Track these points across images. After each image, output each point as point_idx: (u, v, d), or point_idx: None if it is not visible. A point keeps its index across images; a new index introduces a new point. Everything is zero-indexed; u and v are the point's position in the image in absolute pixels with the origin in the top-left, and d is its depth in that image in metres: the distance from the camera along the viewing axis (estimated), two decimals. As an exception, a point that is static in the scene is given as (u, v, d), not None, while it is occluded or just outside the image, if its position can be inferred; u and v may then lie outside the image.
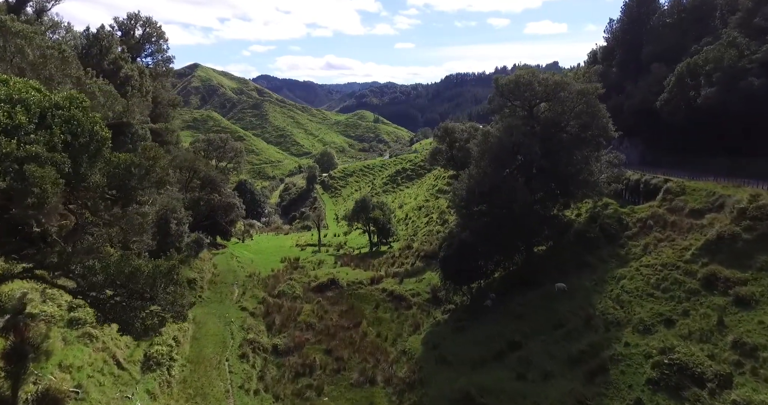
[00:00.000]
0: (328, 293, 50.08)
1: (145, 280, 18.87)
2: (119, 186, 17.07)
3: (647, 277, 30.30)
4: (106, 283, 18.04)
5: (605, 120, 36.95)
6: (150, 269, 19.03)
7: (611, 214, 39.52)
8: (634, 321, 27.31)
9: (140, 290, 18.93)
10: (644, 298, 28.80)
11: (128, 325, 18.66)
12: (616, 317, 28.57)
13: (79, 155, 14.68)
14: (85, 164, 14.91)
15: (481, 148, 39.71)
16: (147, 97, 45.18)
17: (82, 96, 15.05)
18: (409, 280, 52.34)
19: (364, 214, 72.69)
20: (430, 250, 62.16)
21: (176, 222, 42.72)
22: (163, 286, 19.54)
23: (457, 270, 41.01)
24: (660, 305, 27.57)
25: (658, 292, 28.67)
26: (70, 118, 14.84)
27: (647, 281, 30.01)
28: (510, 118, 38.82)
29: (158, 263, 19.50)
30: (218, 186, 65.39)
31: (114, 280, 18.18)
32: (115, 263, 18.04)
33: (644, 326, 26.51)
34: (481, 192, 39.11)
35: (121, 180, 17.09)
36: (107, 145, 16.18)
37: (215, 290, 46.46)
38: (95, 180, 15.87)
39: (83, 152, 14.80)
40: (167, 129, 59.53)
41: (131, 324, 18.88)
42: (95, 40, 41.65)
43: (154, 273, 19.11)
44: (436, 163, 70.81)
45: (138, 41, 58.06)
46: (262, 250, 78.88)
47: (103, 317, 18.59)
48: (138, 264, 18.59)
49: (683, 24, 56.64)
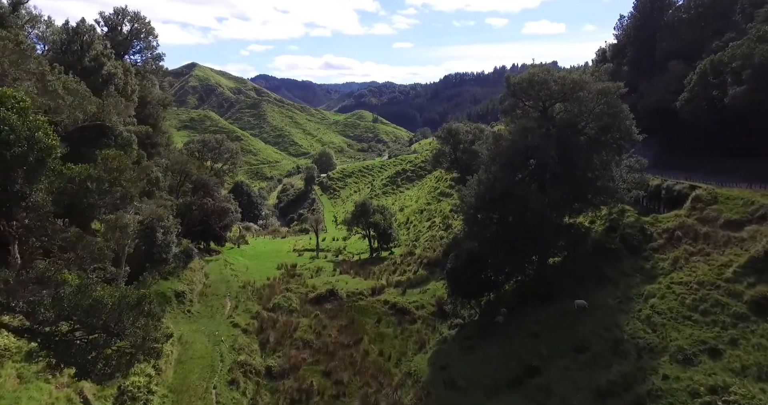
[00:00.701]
0: (327, 305, 47.04)
1: (109, 313, 15.86)
2: (72, 205, 14.00)
3: (681, 297, 27.28)
4: (60, 319, 15.00)
5: (628, 121, 33.92)
6: (115, 300, 16.02)
7: (632, 224, 36.52)
8: (671, 349, 24.28)
9: (103, 326, 15.92)
10: (680, 321, 25.79)
11: (87, 368, 15.62)
12: (649, 342, 25.56)
13: (13, 169, 11.60)
14: (21, 180, 11.84)
15: (492, 152, 36.70)
16: (133, 97, 42.12)
17: (18, 95, 11.97)
18: (412, 291, 49.34)
19: (364, 219, 69.64)
20: (433, 257, 59.22)
21: (163, 231, 39.69)
22: (132, 320, 16.52)
23: (465, 283, 38.01)
24: (701, 331, 24.57)
25: (696, 315, 25.64)
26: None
27: (682, 301, 26.99)
28: (523, 119, 35.78)
29: (125, 293, 16.48)
30: (211, 190, 62.39)
31: (69, 315, 15.17)
32: (71, 296, 15.02)
33: (684, 356, 23.47)
34: (492, 198, 36.11)
35: (75, 197, 14.02)
36: (54, 155, 13.10)
37: (206, 303, 43.40)
38: (38, 198, 12.81)
39: (18, 165, 11.73)
40: (158, 130, 56.39)
41: (92, 366, 15.85)
42: (75, 34, 38.57)
43: (120, 305, 16.10)
44: (440, 166, 67.84)
45: (126, 37, 54.97)
46: (258, 256, 75.87)
47: (57, 360, 15.51)
48: (99, 295, 15.56)
49: (701, 19, 53.70)
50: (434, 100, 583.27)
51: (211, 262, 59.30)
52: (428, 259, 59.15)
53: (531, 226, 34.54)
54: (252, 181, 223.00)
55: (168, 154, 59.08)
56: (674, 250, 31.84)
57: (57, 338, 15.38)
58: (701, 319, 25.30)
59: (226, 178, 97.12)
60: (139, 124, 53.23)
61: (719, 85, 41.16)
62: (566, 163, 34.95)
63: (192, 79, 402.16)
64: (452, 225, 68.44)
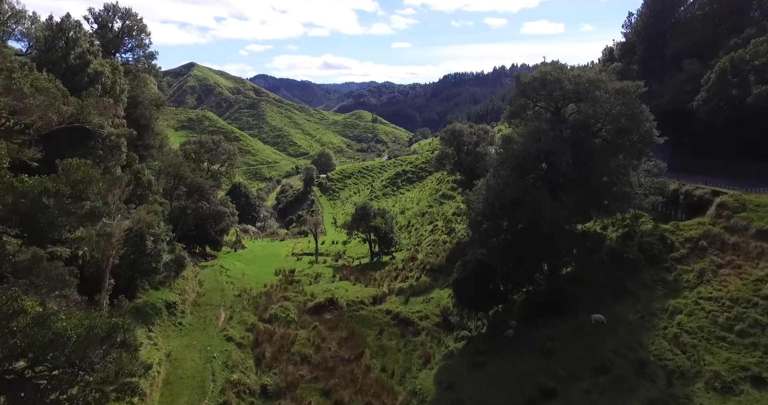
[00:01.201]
0: (326, 315, 44.80)
1: (74, 347, 13.67)
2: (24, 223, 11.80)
3: (713, 315, 25.12)
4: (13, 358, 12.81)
5: (648, 124, 31.69)
6: (81, 332, 13.82)
7: (651, 231, 34.34)
8: (705, 374, 22.11)
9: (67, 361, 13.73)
10: (713, 342, 23.63)
11: (48, 411, 13.41)
12: (678, 365, 23.37)
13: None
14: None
15: (502, 156, 34.51)
16: (121, 97, 39.89)
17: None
18: (415, 300, 47.15)
19: (364, 222, 67.47)
20: (436, 263, 57.11)
21: (153, 239, 37.44)
22: (102, 353, 14.34)
23: (473, 293, 35.82)
24: (739, 355, 22.41)
25: (732, 337, 23.49)
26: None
27: (714, 320, 24.83)
28: (536, 121, 33.57)
29: (94, 322, 14.25)
30: (206, 193, 60.20)
31: (25, 352, 12.97)
32: (26, 329, 12.82)
33: (723, 383, 21.29)
34: (501, 205, 33.95)
35: (29, 215, 11.82)
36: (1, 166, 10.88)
37: (199, 314, 41.16)
38: (-21, 218, 10.62)
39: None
40: (151, 131, 54.16)
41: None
42: (59, 31, 36.36)
43: (88, 337, 13.90)
44: (443, 169, 65.65)
45: (117, 35, 52.65)
46: (255, 260, 73.66)
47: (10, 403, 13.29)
48: (61, 327, 13.36)
49: (715, 16, 51.53)
50: (433, 100, 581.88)
51: (207, 268, 57.13)
52: (431, 265, 57.04)
53: (543, 233, 32.45)
54: (250, 182, 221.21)
55: (161, 156, 56.86)
56: (699, 262, 29.65)
57: (11, 377, 13.19)
58: (738, 340, 23.14)
59: (223, 180, 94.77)
60: (131, 125, 51.07)
61: (740, 84, 39.03)
62: (580, 168, 32.83)
63: (190, 79, 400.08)
64: (455, 229, 66.32)
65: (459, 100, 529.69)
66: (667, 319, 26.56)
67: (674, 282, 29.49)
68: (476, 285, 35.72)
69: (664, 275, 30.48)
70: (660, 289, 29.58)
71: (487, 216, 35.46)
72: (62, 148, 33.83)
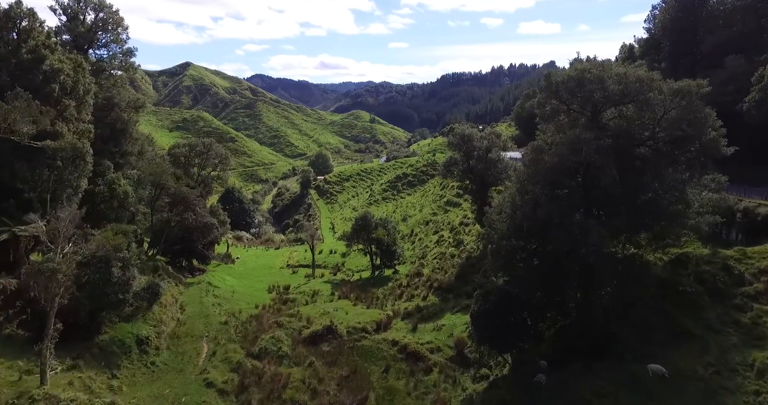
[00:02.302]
0: (324, 347, 39.33)
1: None
2: None
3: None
4: None
5: (715, 132, 26.24)
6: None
7: (709, 258, 28.93)
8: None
9: None
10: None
11: None
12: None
13: None
14: None
15: (532, 169, 29.00)
16: (86, 98, 34.29)
17: None
18: (424, 326, 41.64)
19: (365, 234, 62.03)
20: (445, 280, 51.66)
21: (121, 264, 31.86)
22: None
23: (496, 331, 30.31)
24: None
25: None
26: None
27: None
28: (575, 129, 28.04)
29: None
30: (192, 204, 54.64)
31: None
32: None
33: None
34: (532, 227, 28.54)
35: None
36: None
37: (177, 349, 35.59)
38: None
39: None
40: (128, 137, 48.58)
41: None
42: (8, 20, 30.72)
43: None
44: (451, 176, 60.17)
45: (89, 29, 46.99)
46: (247, 273, 68.32)
47: None
48: None
49: (758, 6, 46.21)
50: (431, 100, 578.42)
51: (192, 286, 51.67)
52: (439, 282, 51.61)
53: (582, 261, 27.10)
54: (246, 184, 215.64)
55: (142, 163, 51.27)
56: (783, 301, 24.34)
57: None
58: None
59: (215, 185, 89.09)
60: (105, 130, 45.58)
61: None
62: (625, 183, 27.44)
63: (186, 79, 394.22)
64: (464, 241, 60.84)
65: (457, 100, 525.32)
66: (755, 378, 21.13)
67: (752, 325, 24.08)
68: (500, 321, 30.25)
69: (736, 316, 25.07)
70: (733, 333, 24.19)
71: (513, 239, 29.99)
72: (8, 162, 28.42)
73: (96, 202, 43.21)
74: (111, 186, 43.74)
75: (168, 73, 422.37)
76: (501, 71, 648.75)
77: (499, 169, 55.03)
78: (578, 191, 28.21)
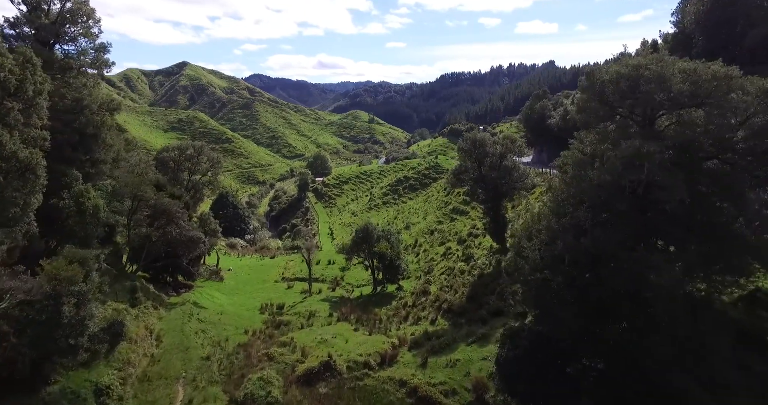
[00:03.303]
0: (321, 388, 33.77)
1: None
2: None
3: None
4: None
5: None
6: None
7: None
8: None
9: None
10: None
11: None
12: None
13: None
14: None
15: (575, 189, 23.51)
16: (37, 100, 28.86)
17: None
18: (435, 361, 36.00)
19: (366, 247, 56.55)
20: (455, 301, 46.09)
21: (76, 301, 26.33)
22: None
23: (531, 382, 24.91)
24: None
25: None
26: None
27: None
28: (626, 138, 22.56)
29: None
30: (175, 217, 49.12)
31: None
32: None
33: None
34: (575, 261, 23.13)
35: None
36: None
37: (145, 398, 29.96)
38: None
39: None
40: (100, 143, 43.07)
41: None
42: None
43: None
44: (461, 185, 54.53)
45: (54, 21, 41.50)
46: (239, 288, 62.92)
47: None
48: None
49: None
50: (430, 100, 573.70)
51: (175, 307, 46.12)
52: (449, 303, 46.05)
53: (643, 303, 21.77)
54: (243, 186, 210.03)
55: (117, 173, 45.71)
56: None
57: None
58: None
59: (207, 191, 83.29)
60: (74, 135, 40.11)
61: None
62: (696, 208, 22.04)
63: (182, 79, 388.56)
64: (474, 255, 55.42)
65: (456, 100, 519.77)
66: None
67: None
68: (535, 370, 24.85)
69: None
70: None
71: (548, 271, 24.56)
72: None
73: (61, 217, 37.79)
74: (78, 199, 38.21)
75: (165, 72, 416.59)
76: (500, 71, 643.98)
77: (515, 177, 49.49)
78: (634, 216, 22.74)
